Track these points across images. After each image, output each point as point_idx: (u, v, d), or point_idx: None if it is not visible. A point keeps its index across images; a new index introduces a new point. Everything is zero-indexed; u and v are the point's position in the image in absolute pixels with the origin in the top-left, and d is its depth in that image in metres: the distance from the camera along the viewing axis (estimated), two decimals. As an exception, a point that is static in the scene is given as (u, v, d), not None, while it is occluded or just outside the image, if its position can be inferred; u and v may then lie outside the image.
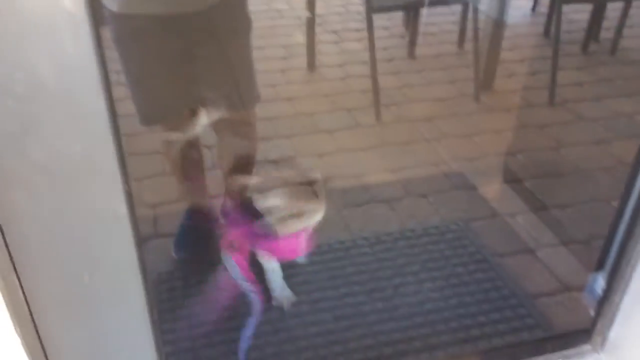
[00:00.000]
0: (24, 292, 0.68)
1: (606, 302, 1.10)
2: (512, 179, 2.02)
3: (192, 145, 1.50)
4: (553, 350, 1.08)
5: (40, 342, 0.71)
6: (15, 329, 0.68)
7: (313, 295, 1.50)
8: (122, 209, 0.66)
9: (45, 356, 0.73)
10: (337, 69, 2.73)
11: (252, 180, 1.59)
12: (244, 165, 1.58)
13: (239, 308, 1.39)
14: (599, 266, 1.48)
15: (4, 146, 0.58)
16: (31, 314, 0.70)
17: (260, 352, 1.35)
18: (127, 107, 1.31)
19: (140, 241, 0.70)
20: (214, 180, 1.68)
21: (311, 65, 2.71)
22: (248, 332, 1.33)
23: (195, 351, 1.35)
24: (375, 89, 2.36)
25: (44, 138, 0.60)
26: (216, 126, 1.47)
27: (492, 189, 1.97)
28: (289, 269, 1.52)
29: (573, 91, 2.59)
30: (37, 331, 0.71)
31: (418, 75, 2.73)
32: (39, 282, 0.68)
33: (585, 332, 1.15)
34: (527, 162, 2.14)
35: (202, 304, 1.44)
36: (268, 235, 1.37)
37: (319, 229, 1.44)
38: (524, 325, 1.42)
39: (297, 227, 1.36)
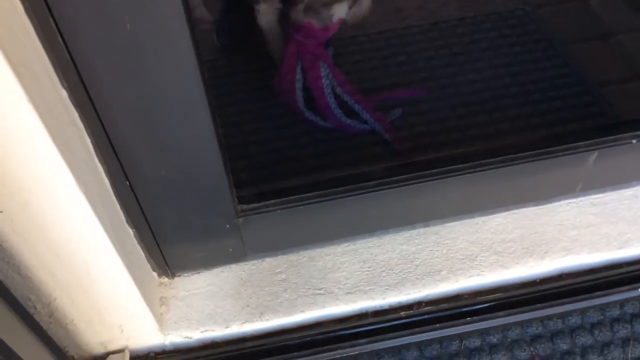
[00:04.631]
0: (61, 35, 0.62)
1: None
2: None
3: None
4: (623, 132, 1.00)
5: (89, 98, 0.68)
6: (60, 80, 0.64)
7: (362, 84, 1.43)
8: None
9: (96, 111, 0.70)
10: None
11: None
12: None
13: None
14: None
15: None
16: (74, 63, 0.65)
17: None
18: None
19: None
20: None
21: None
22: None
23: (246, 135, 1.34)
24: None
25: None
26: None
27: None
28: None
29: None
30: (83, 83, 0.67)
31: None
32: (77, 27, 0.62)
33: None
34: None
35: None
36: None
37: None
38: (589, 113, 1.34)
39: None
